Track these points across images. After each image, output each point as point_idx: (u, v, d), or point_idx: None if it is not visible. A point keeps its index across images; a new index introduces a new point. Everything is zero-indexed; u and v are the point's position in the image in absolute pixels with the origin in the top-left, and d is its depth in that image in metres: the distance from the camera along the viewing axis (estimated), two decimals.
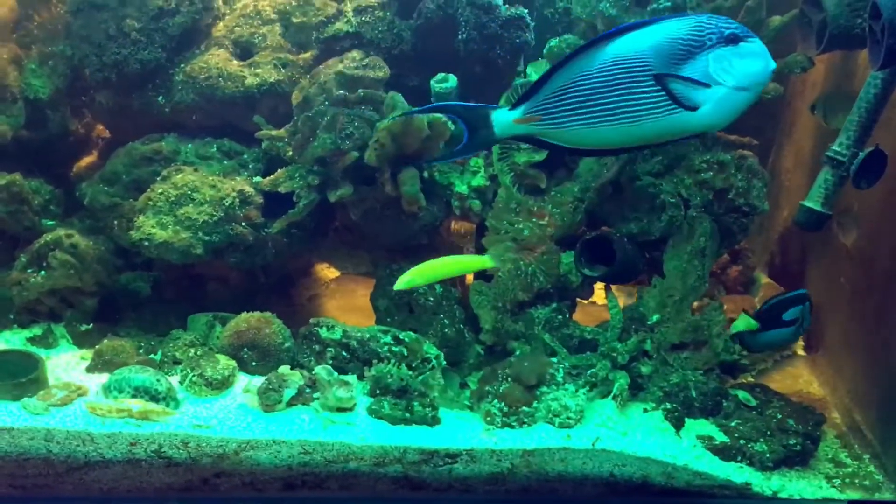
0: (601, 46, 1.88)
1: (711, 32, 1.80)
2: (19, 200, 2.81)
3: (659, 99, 1.84)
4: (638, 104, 1.86)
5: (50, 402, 2.34)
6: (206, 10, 2.97)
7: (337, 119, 2.62)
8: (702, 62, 1.81)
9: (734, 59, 1.81)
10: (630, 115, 1.87)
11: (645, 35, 1.84)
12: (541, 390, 2.46)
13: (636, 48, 1.84)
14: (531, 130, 2.02)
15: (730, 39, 1.80)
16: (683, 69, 1.81)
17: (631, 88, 1.85)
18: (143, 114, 2.99)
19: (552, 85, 1.95)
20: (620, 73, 1.85)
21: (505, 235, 2.71)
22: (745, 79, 1.82)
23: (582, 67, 1.89)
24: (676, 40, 1.81)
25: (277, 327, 2.64)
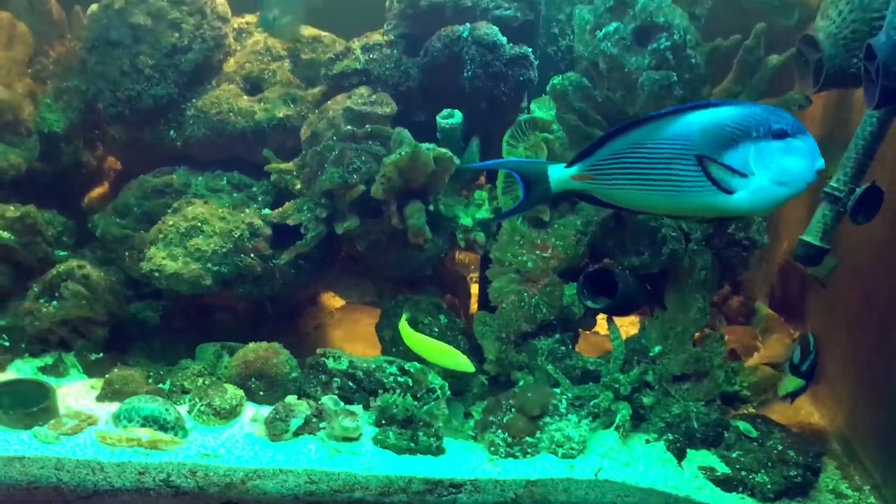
0: (657, 122, 2.02)
1: (760, 124, 1.89)
2: (33, 232, 2.86)
3: (700, 178, 1.97)
4: (681, 179, 1.99)
5: (60, 431, 2.37)
6: (217, 47, 3.04)
7: (345, 153, 2.67)
8: (744, 151, 1.91)
9: (776, 154, 1.90)
10: (674, 187, 2.01)
11: (697, 117, 1.97)
12: (544, 421, 2.49)
13: (687, 128, 1.97)
14: (584, 187, 2.17)
15: (776, 134, 1.89)
16: (726, 155, 1.91)
17: (677, 164, 1.99)
18: (154, 147, 3.05)
19: (608, 149, 2.09)
20: (670, 148, 1.99)
21: (509, 267, 2.75)
22: (784, 174, 1.91)
23: (638, 137, 2.04)
24: (724, 126, 1.92)
25: (285, 357, 2.67)
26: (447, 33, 2.77)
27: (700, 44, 2.57)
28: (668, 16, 2.47)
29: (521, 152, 2.79)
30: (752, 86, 2.65)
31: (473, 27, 2.75)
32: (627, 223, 2.67)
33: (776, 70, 2.62)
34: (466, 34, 2.73)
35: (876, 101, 2.16)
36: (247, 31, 3.19)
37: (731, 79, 2.68)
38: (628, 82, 2.56)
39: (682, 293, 2.63)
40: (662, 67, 2.48)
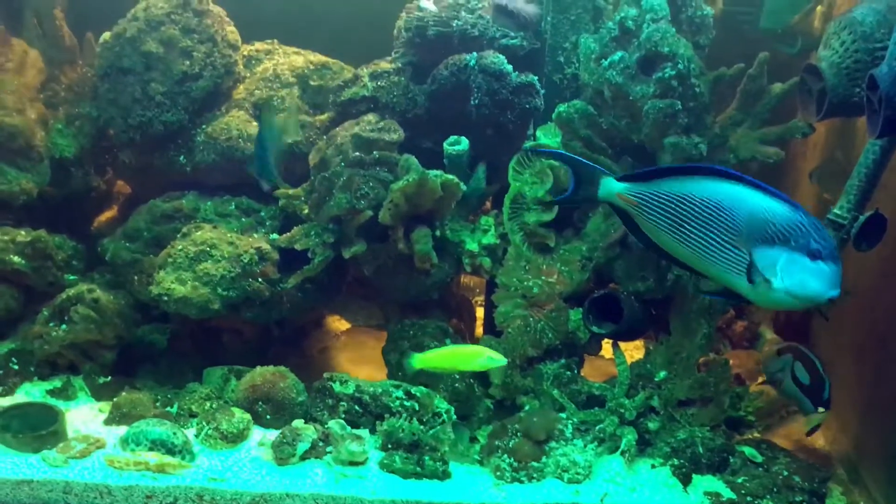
0: (713, 181, 2.06)
1: (802, 236, 1.93)
2: (44, 256, 2.90)
3: (730, 253, 2.03)
4: (714, 247, 2.05)
5: (69, 454, 2.38)
6: (227, 74, 3.08)
7: (353, 179, 2.70)
8: (777, 254, 1.95)
9: (803, 271, 1.94)
10: (704, 251, 2.07)
11: (752, 198, 2.00)
12: (550, 445, 2.49)
13: (738, 204, 2.01)
14: (625, 208, 2.21)
15: (812, 253, 1.92)
16: (760, 248, 1.97)
17: (716, 233, 2.04)
18: (164, 172, 3.09)
19: (660, 185, 2.13)
20: (715, 215, 2.03)
21: (515, 292, 2.77)
22: (800, 290, 1.95)
23: (690, 188, 2.08)
24: (771, 223, 1.96)
25: (292, 381, 2.68)
26: (454, 62, 2.81)
27: (704, 72, 2.60)
28: (673, 45, 2.51)
29: (527, 178, 2.81)
30: (755, 114, 2.67)
31: (480, 56, 2.79)
32: (633, 249, 2.70)
33: (779, 98, 2.65)
34: (473, 63, 2.77)
35: (878, 131, 2.18)
36: (256, 58, 3.24)
37: (735, 107, 2.70)
38: (633, 110, 2.60)
39: (687, 318, 2.65)
40: (667, 96, 2.51)
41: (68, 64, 3.19)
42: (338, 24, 3.41)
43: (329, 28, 3.40)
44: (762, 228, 1.96)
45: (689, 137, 2.54)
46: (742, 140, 2.68)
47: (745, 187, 2.00)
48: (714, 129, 2.66)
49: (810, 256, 1.92)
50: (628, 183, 2.20)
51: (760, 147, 2.65)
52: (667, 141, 2.54)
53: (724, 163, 2.70)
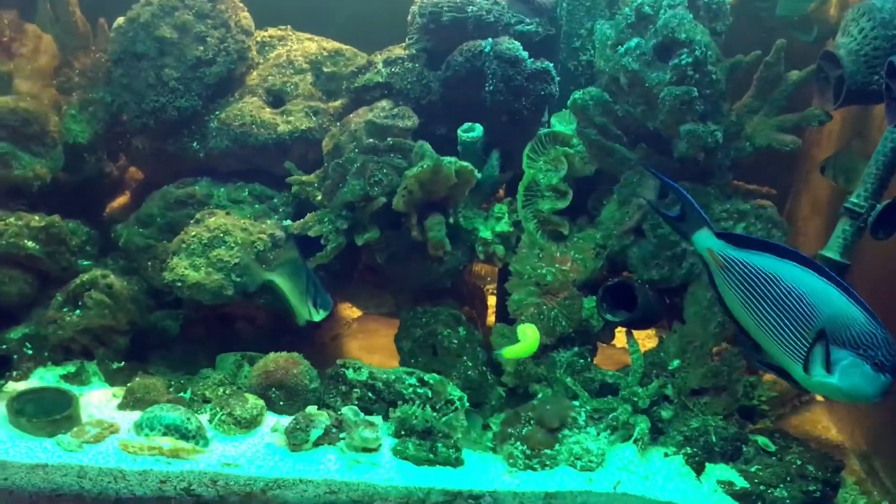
0: (805, 272, 2.07)
1: (872, 347, 1.98)
2: (58, 241, 2.89)
3: (799, 343, 2.05)
4: (786, 333, 2.07)
5: (83, 439, 2.39)
6: (241, 60, 3.08)
7: (366, 166, 2.70)
8: (844, 355, 1.99)
9: (861, 377, 1.99)
10: (775, 333, 2.09)
11: (837, 301, 2.02)
12: (563, 433, 2.50)
13: (823, 302, 2.03)
14: (709, 262, 2.23)
15: (876, 364, 1.97)
16: (832, 346, 2.00)
17: (793, 322, 2.06)
18: (177, 158, 3.09)
19: (751, 257, 2.14)
20: (797, 305, 2.05)
21: (528, 280, 2.76)
22: (853, 390, 2.01)
23: (781, 271, 2.09)
24: (849, 328, 2.00)
25: (305, 368, 2.69)
26: (469, 48, 2.80)
27: (721, 59, 2.58)
28: (690, 32, 2.49)
29: (540, 166, 2.81)
30: (771, 101, 2.66)
31: (495, 42, 2.77)
32: (647, 236, 2.69)
33: (796, 86, 2.63)
34: (488, 49, 2.76)
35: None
36: (269, 44, 3.23)
37: (752, 94, 2.69)
38: (649, 97, 2.58)
39: (702, 307, 2.64)
40: (683, 83, 2.49)
41: (81, 49, 3.18)
42: (352, 11, 3.40)
43: (343, 14, 3.39)
44: (839, 331, 2.00)
45: (706, 125, 2.53)
46: (758, 127, 2.67)
47: (834, 288, 2.03)
48: (730, 117, 2.65)
49: (874, 367, 1.97)
50: (722, 242, 2.19)
51: (777, 135, 2.64)
52: (683, 128, 2.52)
53: (740, 150, 2.70)
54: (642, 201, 2.68)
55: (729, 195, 2.72)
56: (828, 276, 2.05)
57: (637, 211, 2.70)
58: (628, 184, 2.73)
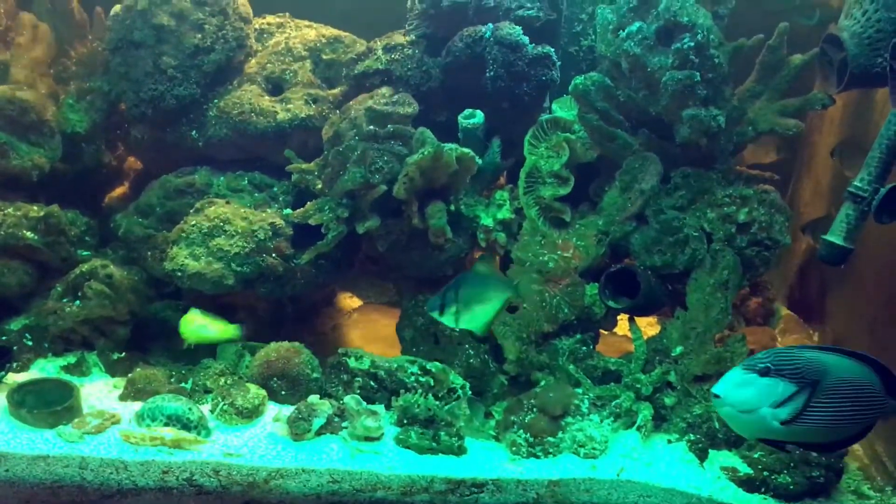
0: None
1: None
2: (57, 232, 2.89)
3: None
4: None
5: (84, 430, 2.39)
6: (239, 48, 3.06)
7: (367, 153, 2.68)
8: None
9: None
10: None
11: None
12: (566, 421, 2.50)
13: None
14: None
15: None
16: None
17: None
18: (176, 147, 3.08)
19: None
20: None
21: (530, 267, 2.75)
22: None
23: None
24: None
25: (306, 357, 2.69)
26: (469, 33, 2.79)
27: (723, 43, 2.57)
28: (692, 15, 2.47)
29: (542, 152, 2.79)
30: (774, 85, 2.65)
31: (496, 27, 2.76)
32: (649, 222, 2.68)
33: (799, 70, 2.62)
34: (489, 34, 2.75)
35: None
36: (268, 31, 3.22)
37: (754, 78, 2.68)
38: (651, 82, 2.57)
39: (704, 293, 2.63)
40: (686, 67, 2.48)
41: (78, 39, 3.19)
42: None
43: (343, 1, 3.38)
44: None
45: (708, 109, 2.52)
46: (761, 112, 2.66)
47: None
48: (733, 101, 2.64)
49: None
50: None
51: (779, 119, 2.63)
52: (685, 113, 2.51)
53: (743, 135, 2.68)
54: (644, 187, 2.67)
55: (732, 180, 2.71)
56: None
57: (639, 197, 2.68)
58: (630, 170, 2.71)
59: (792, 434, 1.85)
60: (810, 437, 1.88)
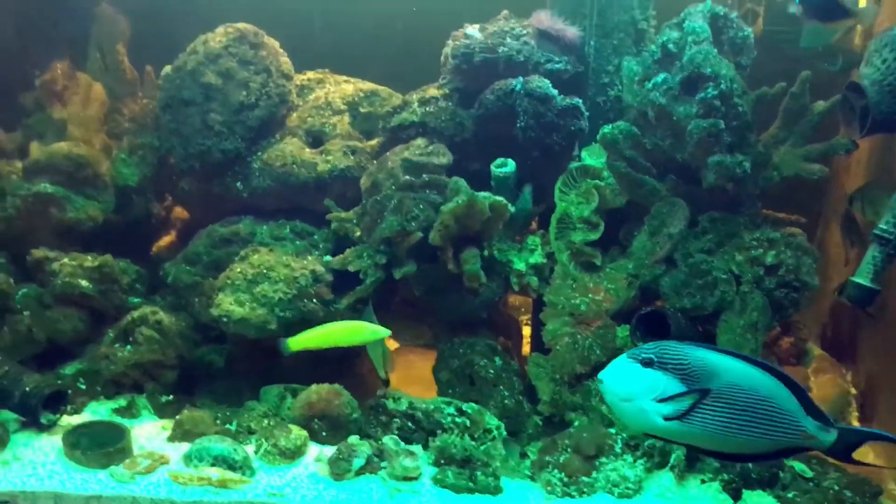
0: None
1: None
2: (110, 280, 3.02)
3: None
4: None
5: (135, 470, 2.48)
6: (282, 103, 3.20)
7: (403, 202, 2.78)
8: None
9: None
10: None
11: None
12: (600, 461, 2.53)
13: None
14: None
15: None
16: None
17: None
18: (222, 198, 3.21)
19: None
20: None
21: (562, 310, 2.82)
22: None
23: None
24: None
25: (346, 399, 2.76)
26: (501, 87, 2.90)
27: (746, 91, 2.64)
28: (715, 66, 2.56)
29: (572, 198, 2.87)
30: (798, 131, 2.71)
31: (526, 80, 2.86)
32: (679, 265, 2.73)
33: (822, 116, 2.68)
34: (519, 87, 2.85)
35: None
36: (308, 87, 3.36)
37: (778, 124, 2.75)
38: (677, 130, 2.65)
39: (734, 334, 2.66)
40: (710, 115, 2.56)
41: (130, 96, 3.34)
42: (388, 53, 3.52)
43: (381, 56, 3.51)
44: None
45: (733, 156, 2.59)
46: (785, 157, 2.71)
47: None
48: (758, 147, 2.70)
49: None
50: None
51: (804, 164, 2.69)
52: (711, 160, 2.58)
53: (769, 179, 2.74)
54: (672, 231, 2.73)
55: (758, 224, 2.76)
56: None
57: (667, 241, 2.75)
58: (658, 214, 2.78)
59: (677, 434, 1.79)
60: (698, 441, 1.81)
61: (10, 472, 2.47)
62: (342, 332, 2.67)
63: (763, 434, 1.77)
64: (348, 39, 3.57)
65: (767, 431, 1.77)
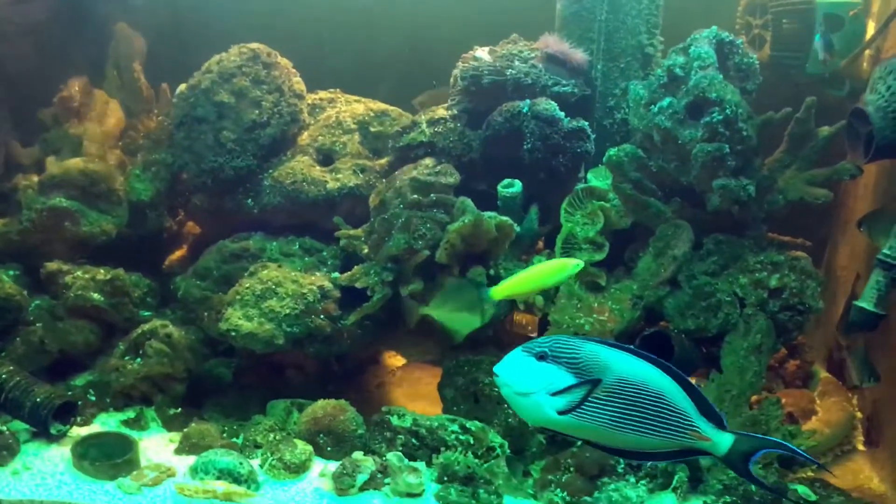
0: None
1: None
2: (122, 293, 3.07)
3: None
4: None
5: (142, 482, 2.51)
6: (293, 122, 3.26)
7: (411, 221, 2.81)
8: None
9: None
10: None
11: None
12: (602, 481, 2.54)
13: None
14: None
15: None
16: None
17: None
18: (233, 214, 3.25)
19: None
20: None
21: (567, 330, 2.83)
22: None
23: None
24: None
25: (352, 414, 2.77)
26: (508, 108, 2.93)
27: (752, 116, 2.67)
28: (720, 91, 2.59)
29: (578, 219, 2.90)
30: (803, 156, 2.73)
31: (533, 103, 2.90)
32: (682, 287, 2.75)
33: (827, 141, 2.70)
34: (526, 109, 2.88)
35: None
36: (320, 106, 3.41)
37: (783, 149, 2.77)
38: (682, 153, 2.68)
39: (738, 357, 2.68)
40: (715, 139, 2.59)
41: (145, 113, 3.41)
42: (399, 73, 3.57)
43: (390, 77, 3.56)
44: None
45: (738, 179, 2.61)
46: (790, 182, 2.73)
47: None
48: (762, 171, 2.72)
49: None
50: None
51: (809, 188, 2.71)
52: (716, 183, 2.61)
53: (773, 203, 2.76)
54: (677, 253, 2.75)
55: (763, 247, 2.78)
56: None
57: (672, 263, 2.77)
58: (663, 236, 2.80)
59: (571, 428, 1.78)
60: (591, 435, 1.79)
61: (20, 481, 2.51)
62: (543, 273, 2.57)
63: (654, 430, 1.76)
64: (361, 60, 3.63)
65: (658, 428, 1.76)
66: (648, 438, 1.77)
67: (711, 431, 1.78)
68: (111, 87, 3.40)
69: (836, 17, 3.10)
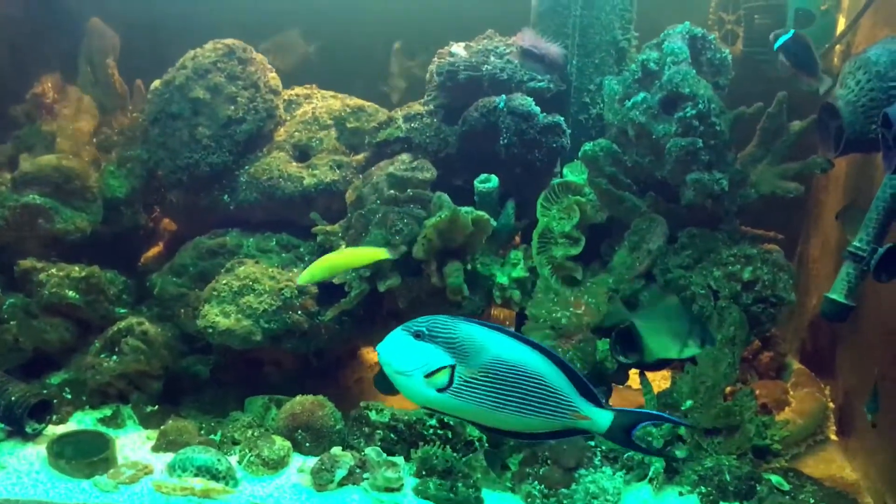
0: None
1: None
2: (97, 291, 3.05)
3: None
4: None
5: (119, 480, 2.50)
6: (269, 118, 3.25)
7: (388, 216, 2.82)
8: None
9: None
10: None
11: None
12: (579, 473, 2.56)
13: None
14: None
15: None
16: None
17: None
18: (209, 211, 3.25)
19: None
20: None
21: (544, 324, 2.85)
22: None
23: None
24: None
25: (330, 410, 2.78)
26: (484, 104, 2.95)
27: (724, 111, 2.69)
28: (693, 86, 2.61)
29: (554, 214, 2.91)
30: (775, 150, 2.77)
31: (509, 98, 2.91)
32: (657, 281, 2.78)
33: (798, 136, 2.74)
34: (502, 105, 2.90)
35: (894, 166, 2.26)
36: (296, 102, 3.40)
37: (755, 143, 2.80)
38: (656, 148, 2.70)
39: (712, 349, 2.71)
40: (688, 134, 2.61)
41: (119, 109, 3.39)
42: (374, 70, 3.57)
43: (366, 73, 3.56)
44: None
45: (711, 173, 2.64)
46: (762, 175, 2.77)
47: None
48: (735, 165, 2.75)
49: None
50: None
51: (780, 182, 2.74)
52: (689, 177, 2.63)
53: (746, 197, 2.79)
54: (651, 247, 2.77)
55: (737, 240, 2.81)
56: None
57: (647, 256, 2.79)
58: (638, 230, 2.83)
59: (450, 408, 1.79)
60: (470, 415, 1.81)
61: None
62: (348, 257, 2.69)
63: (532, 410, 1.78)
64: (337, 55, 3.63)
65: (536, 407, 1.78)
66: (528, 419, 1.79)
67: (590, 410, 1.81)
68: (85, 83, 3.38)
69: (807, 13, 3.15)
